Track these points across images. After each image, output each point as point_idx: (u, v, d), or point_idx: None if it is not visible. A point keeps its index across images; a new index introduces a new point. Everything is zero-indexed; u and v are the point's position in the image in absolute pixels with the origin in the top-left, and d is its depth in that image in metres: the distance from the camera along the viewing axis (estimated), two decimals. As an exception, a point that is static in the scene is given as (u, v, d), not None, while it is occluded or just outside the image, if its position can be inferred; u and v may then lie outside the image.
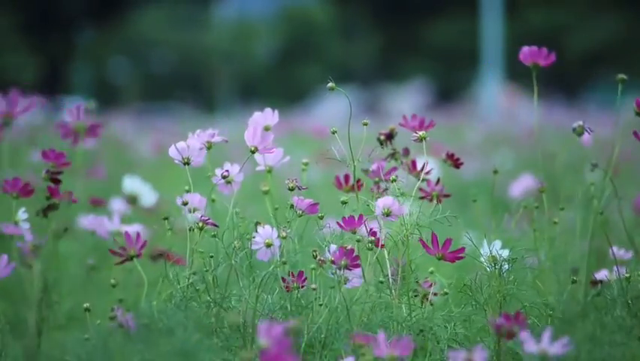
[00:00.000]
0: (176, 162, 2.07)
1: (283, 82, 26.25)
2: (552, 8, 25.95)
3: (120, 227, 2.65)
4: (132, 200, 3.15)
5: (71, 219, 3.29)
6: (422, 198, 2.21)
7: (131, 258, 2.05)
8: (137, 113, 14.72)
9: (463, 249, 2.00)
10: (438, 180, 2.24)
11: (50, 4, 26.21)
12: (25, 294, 2.12)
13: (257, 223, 2.04)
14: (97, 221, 2.68)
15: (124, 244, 2.05)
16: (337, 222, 2.02)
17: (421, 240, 2.00)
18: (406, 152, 2.25)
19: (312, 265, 2.00)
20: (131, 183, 3.16)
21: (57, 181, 2.07)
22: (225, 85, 26.05)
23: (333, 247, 2.00)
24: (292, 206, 2.04)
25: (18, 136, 6.32)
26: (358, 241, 2.01)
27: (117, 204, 3.07)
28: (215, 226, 2.03)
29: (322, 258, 2.00)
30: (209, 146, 2.10)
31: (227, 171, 2.09)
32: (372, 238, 2.02)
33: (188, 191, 2.06)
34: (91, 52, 27.17)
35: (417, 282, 2.09)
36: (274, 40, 27.48)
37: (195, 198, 2.06)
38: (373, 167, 2.19)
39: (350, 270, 1.99)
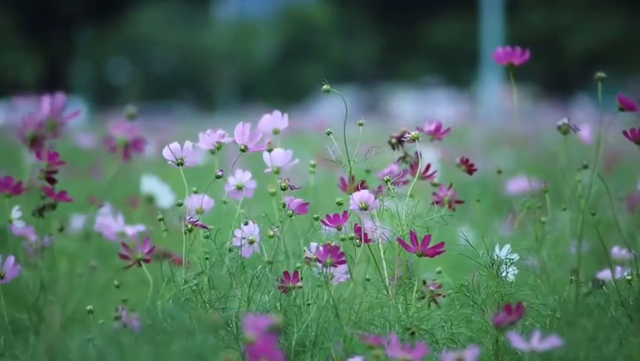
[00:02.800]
0: (170, 162, 2.07)
1: (283, 82, 26.26)
2: (552, 8, 25.94)
3: (124, 228, 2.65)
4: (149, 200, 3.11)
5: (69, 219, 3.29)
6: (435, 203, 2.18)
7: (138, 261, 2.05)
8: (137, 113, 14.71)
9: (442, 243, 1.99)
10: (450, 185, 2.22)
11: (50, 4, 26.21)
12: (24, 294, 2.11)
13: (246, 223, 2.04)
14: (101, 222, 2.67)
15: (132, 247, 2.04)
16: (321, 220, 2.01)
17: (399, 238, 1.99)
18: (417, 155, 2.22)
19: (298, 264, 2.00)
20: (149, 184, 3.12)
21: (52, 181, 2.06)
22: (225, 85, 26.05)
23: (314, 245, 1.99)
24: (284, 205, 2.04)
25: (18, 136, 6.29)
26: (343, 239, 2.01)
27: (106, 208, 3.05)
28: (205, 227, 2.02)
29: (308, 256, 1.99)
30: (219, 146, 2.09)
31: (221, 170, 2.08)
32: (356, 235, 2.01)
33: (196, 192, 2.07)
34: (90, 51, 27.18)
35: (424, 282, 2.09)
36: (274, 40, 27.48)
37: (198, 200, 2.06)
38: (385, 170, 2.18)
39: (335, 267, 1.98)
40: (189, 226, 2.00)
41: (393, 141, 2.25)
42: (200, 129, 2.15)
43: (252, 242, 2.04)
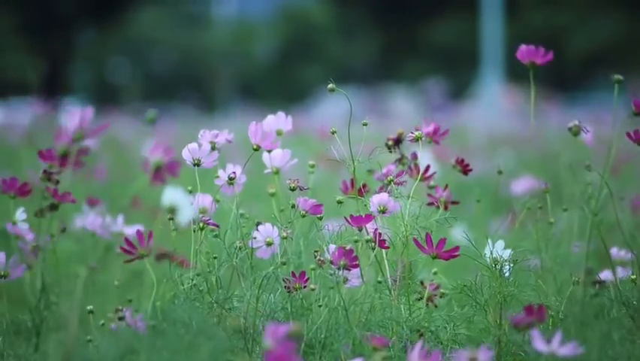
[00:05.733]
0: (187, 163, 2.06)
1: (283, 82, 26.25)
2: (552, 8, 25.93)
3: (122, 228, 2.64)
4: (171, 212, 3.07)
5: (70, 219, 3.28)
6: (430, 204, 2.18)
7: (141, 257, 2.04)
8: (137, 113, 14.72)
9: (457, 248, 1.99)
10: (446, 186, 2.22)
11: (50, 4, 26.20)
12: (24, 294, 2.11)
13: (258, 223, 2.04)
14: (98, 222, 2.66)
15: (134, 243, 2.03)
16: (345, 218, 2.01)
17: (415, 240, 1.99)
18: (414, 156, 2.22)
19: (312, 266, 2.00)
20: (172, 195, 3.08)
21: (55, 182, 2.06)
22: (225, 85, 26.04)
23: (333, 247, 1.99)
24: (294, 206, 2.04)
25: (17, 137, 6.30)
26: (357, 241, 2.01)
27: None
28: (216, 226, 2.02)
29: (321, 258, 1.99)
30: (213, 146, 2.09)
31: (234, 173, 2.08)
32: (372, 238, 2.01)
33: (191, 192, 2.06)
34: (91, 52, 27.17)
35: (422, 283, 2.08)
36: (274, 40, 27.48)
37: (206, 200, 2.06)
38: (382, 171, 2.18)
39: (349, 270, 1.98)
40: (201, 225, 2.00)
41: (390, 143, 2.25)
42: (200, 130, 2.14)
43: (269, 244, 2.03)
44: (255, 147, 2.09)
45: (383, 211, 2.03)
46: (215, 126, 2.17)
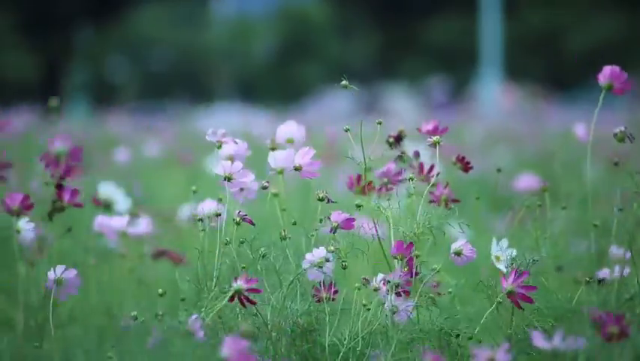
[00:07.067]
0: (220, 178, 2.02)
1: (282, 80, 26.24)
2: (551, 7, 25.93)
3: (126, 228, 2.64)
4: (107, 206, 3.03)
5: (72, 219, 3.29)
6: (431, 202, 2.18)
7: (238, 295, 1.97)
8: (136, 111, 14.71)
9: (534, 287, 1.96)
10: (447, 185, 2.21)
11: (49, 4, 26.19)
12: (26, 294, 2.12)
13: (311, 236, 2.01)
14: (105, 222, 2.66)
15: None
16: (393, 244, 1.99)
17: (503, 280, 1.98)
18: (417, 154, 2.21)
19: (357, 285, 1.97)
20: (106, 189, 3.03)
21: (62, 187, 2.07)
22: (224, 83, 26.04)
23: (381, 275, 1.98)
24: (322, 220, 2.00)
25: (15, 138, 6.30)
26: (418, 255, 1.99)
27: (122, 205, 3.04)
28: (252, 223, 1.98)
29: (367, 278, 1.98)
30: (220, 145, 2.09)
31: (267, 182, 2.05)
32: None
33: (195, 192, 2.05)
34: (89, 51, 27.16)
35: (435, 285, 2.08)
36: (273, 38, 27.47)
37: (211, 205, 2.05)
38: (383, 168, 2.18)
39: (400, 296, 1.96)
40: (237, 220, 1.97)
41: (391, 140, 2.25)
42: (200, 128, 2.15)
43: (320, 266, 2.00)
44: (296, 166, 2.06)
45: (458, 253, 2.02)
46: (215, 125, 2.17)
